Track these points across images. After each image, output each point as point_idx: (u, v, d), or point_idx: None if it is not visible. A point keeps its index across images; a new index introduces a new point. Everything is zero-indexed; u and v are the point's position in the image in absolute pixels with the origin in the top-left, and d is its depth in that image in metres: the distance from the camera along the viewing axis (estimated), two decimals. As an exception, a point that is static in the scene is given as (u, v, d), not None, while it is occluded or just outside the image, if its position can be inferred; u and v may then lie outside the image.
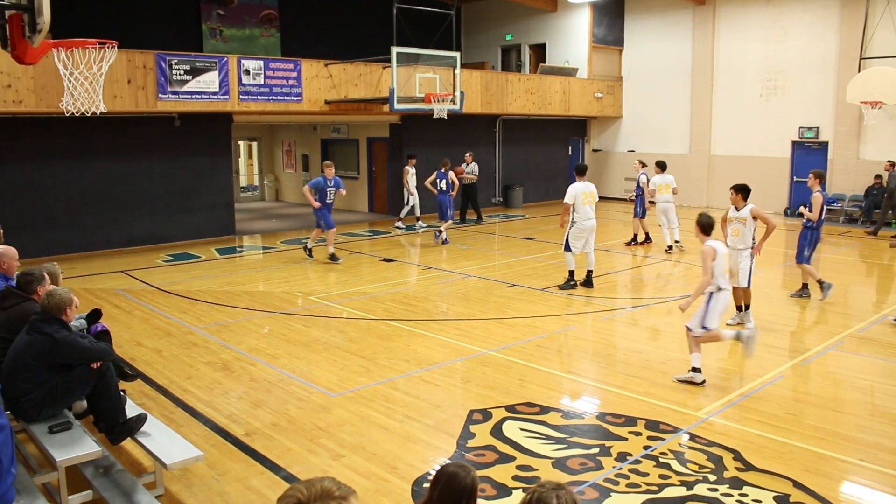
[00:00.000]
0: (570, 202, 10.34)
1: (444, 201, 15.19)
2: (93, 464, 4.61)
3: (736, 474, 4.97)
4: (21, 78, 11.65)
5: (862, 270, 12.91)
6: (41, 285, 5.18)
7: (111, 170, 14.26)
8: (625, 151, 23.08)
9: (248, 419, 6.01)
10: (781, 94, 19.30)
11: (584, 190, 10.38)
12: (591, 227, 10.49)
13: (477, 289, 10.82)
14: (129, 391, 5.97)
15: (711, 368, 7.28)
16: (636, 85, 22.57)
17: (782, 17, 19.04)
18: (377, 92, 16.26)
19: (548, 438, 5.57)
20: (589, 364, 7.54)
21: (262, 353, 7.76)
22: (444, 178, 15.41)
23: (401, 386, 6.78)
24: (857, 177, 17.90)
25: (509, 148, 21.51)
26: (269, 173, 25.13)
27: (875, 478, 4.94)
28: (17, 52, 5.89)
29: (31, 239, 12.88)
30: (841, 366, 7.34)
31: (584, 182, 10.50)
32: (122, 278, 11.83)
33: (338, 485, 1.87)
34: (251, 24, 18.98)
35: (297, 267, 12.75)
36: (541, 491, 2.38)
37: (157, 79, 13.20)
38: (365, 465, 5.15)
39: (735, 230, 8.60)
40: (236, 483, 4.92)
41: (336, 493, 1.84)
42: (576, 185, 10.39)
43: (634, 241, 14.72)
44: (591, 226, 10.46)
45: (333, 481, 1.88)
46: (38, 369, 4.57)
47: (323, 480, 1.87)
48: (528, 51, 23.66)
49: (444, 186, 15.35)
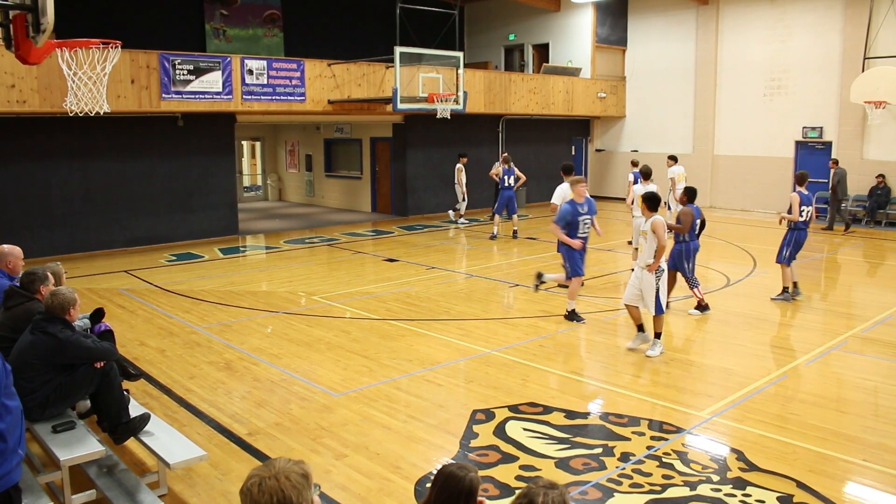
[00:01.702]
0: (557, 202, 10.27)
1: (511, 196, 15.58)
2: (96, 463, 4.62)
3: (739, 474, 4.96)
4: (25, 78, 11.68)
5: (865, 270, 12.88)
6: (44, 285, 5.18)
7: (115, 170, 14.29)
8: (628, 151, 23.05)
9: (251, 419, 6.01)
10: (785, 94, 19.27)
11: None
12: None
13: (480, 289, 10.82)
14: (132, 391, 5.98)
15: (714, 369, 7.28)
16: (639, 85, 22.55)
17: (786, 16, 19.00)
18: (380, 92, 16.27)
19: (551, 438, 5.57)
20: (592, 364, 7.53)
21: (265, 353, 7.77)
22: (511, 174, 15.67)
23: (404, 386, 6.78)
24: (861, 177, 17.85)
25: (512, 148, 21.46)
26: (273, 173, 25.16)
27: (879, 478, 4.93)
28: (20, 52, 5.90)
29: (34, 238, 12.92)
30: (845, 366, 7.33)
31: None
32: (126, 278, 11.85)
33: (289, 459, 2.12)
34: (254, 23, 19.00)
35: (300, 267, 12.76)
36: (532, 488, 2.41)
37: (161, 79, 13.22)
38: (368, 464, 5.16)
39: (640, 245, 8.19)
40: (239, 482, 4.88)
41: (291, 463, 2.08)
42: (563, 186, 10.32)
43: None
44: None
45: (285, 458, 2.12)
46: (41, 369, 4.57)
47: (277, 460, 2.10)
48: (531, 51, 23.64)
49: (512, 182, 15.61)
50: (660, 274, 7.48)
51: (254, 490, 2.02)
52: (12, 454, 3.05)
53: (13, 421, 3.05)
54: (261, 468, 2.08)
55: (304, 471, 2.08)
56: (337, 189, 22.33)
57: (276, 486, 2.01)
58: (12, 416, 3.04)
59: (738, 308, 9.69)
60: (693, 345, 8.34)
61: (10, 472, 3.04)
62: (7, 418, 3.00)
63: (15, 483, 3.12)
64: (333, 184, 22.45)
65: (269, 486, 2.01)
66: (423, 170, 19.62)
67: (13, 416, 3.05)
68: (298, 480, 2.04)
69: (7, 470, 3.02)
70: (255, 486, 2.02)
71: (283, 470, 2.05)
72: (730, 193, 20.65)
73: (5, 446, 3.00)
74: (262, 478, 2.03)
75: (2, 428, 2.98)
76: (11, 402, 3.06)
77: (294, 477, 2.04)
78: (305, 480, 2.06)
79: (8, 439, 3.00)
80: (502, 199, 15.62)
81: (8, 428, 3.00)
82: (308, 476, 2.09)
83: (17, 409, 3.10)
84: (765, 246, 14.87)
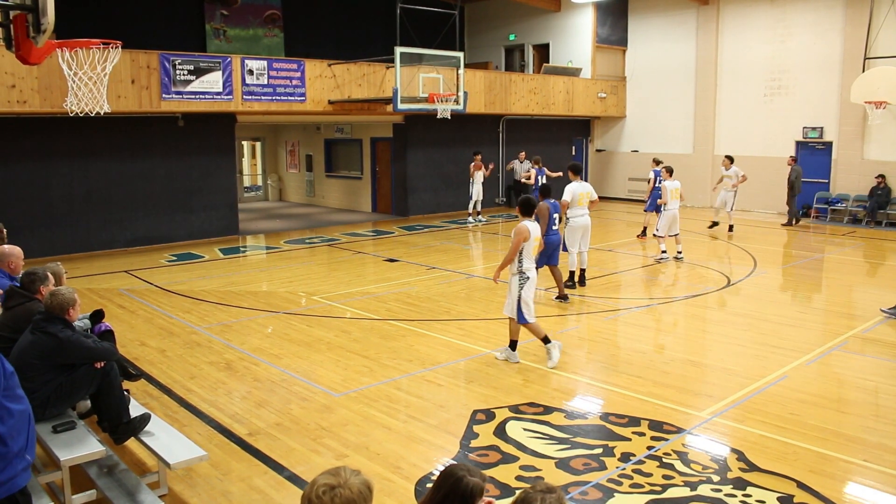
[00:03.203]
0: (567, 200, 10.38)
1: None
2: (96, 463, 4.62)
3: (740, 475, 4.96)
4: (25, 78, 11.68)
5: (866, 271, 12.87)
6: (45, 285, 5.18)
7: (115, 170, 14.29)
8: (628, 151, 23.06)
9: (252, 419, 6.01)
10: (785, 94, 19.26)
11: (582, 190, 10.46)
12: (584, 226, 10.56)
13: (480, 289, 10.82)
14: (132, 391, 5.98)
15: (714, 369, 7.28)
16: (640, 85, 22.54)
17: (786, 16, 19.00)
18: (381, 92, 16.27)
19: (551, 439, 5.57)
20: (592, 364, 7.53)
21: (266, 353, 7.77)
22: (542, 174, 16.02)
23: (404, 386, 6.78)
24: (862, 177, 17.85)
25: (513, 148, 21.48)
26: (273, 173, 25.16)
27: (879, 479, 4.93)
28: (21, 52, 5.90)
29: (34, 239, 12.91)
30: (845, 366, 7.32)
31: (580, 182, 10.56)
32: (126, 278, 11.85)
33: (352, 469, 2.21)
34: (255, 24, 19.00)
35: (301, 267, 12.76)
36: (529, 493, 2.41)
37: (161, 79, 13.22)
38: (368, 464, 5.15)
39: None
40: (240, 483, 4.93)
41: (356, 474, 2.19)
42: (573, 185, 10.45)
43: (644, 234, 15.09)
44: (583, 223, 10.53)
45: (348, 468, 2.20)
46: (42, 369, 4.57)
47: (343, 469, 2.19)
48: (531, 51, 23.64)
49: (544, 181, 15.77)
50: (523, 282, 7.13)
51: (325, 498, 2.07)
52: (17, 458, 2.95)
53: (16, 424, 2.94)
54: (327, 476, 2.14)
55: (368, 483, 2.17)
56: (337, 189, 22.34)
57: (350, 497, 2.08)
58: (15, 420, 2.93)
59: (739, 308, 9.69)
60: (693, 345, 8.34)
61: (13, 476, 2.94)
62: (9, 421, 2.90)
63: (21, 488, 3.01)
64: (334, 184, 22.45)
65: (343, 496, 2.08)
66: (424, 170, 19.61)
67: (16, 419, 2.94)
68: (366, 492, 2.13)
69: (11, 475, 2.92)
70: (325, 494, 2.08)
71: (351, 480, 2.13)
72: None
73: (6, 450, 2.90)
74: (333, 486, 2.09)
75: (2, 432, 2.88)
76: (14, 405, 2.95)
77: (363, 489, 2.13)
78: (370, 492, 2.15)
79: (9, 443, 2.90)
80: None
81: (9, 431, 2.90)
82: (371, 488, 2.17)
83: (21, 412, 2.99)
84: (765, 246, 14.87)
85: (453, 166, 19.82)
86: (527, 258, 7.11)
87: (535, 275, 7.28)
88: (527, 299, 7.13)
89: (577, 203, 10.43)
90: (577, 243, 10.56)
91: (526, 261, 7.10)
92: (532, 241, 7.09)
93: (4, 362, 2.93)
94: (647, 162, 22.27)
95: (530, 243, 7.08)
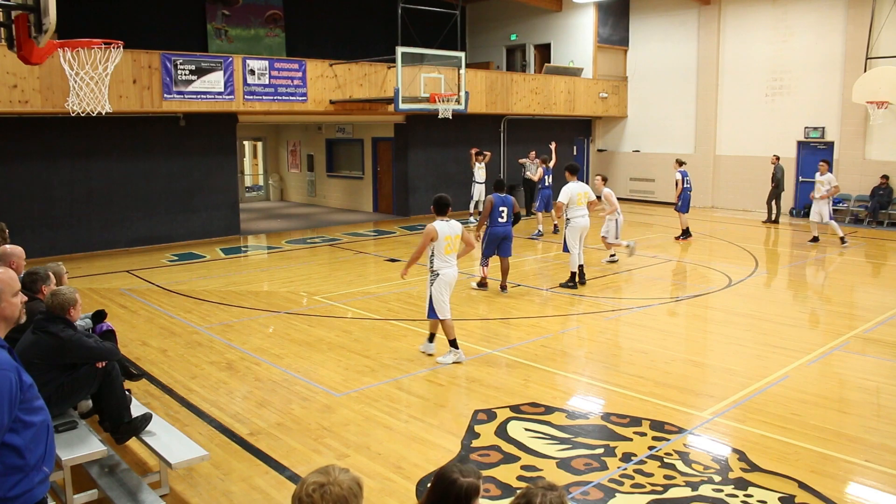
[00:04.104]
0: (564, 201, 10.52)
1: (549, 195, 16.20)
2: (98, 463, 4.63)
3: (741, 475, 4.96)
4: (27, 78, 11.69)
5: (867, 271, 12.86)
6: (46, 284, 5.19)
7: (116, 170, 14.30)
8: (630, 151, 23.05)
9: (253, 419, 6.02)
10: (787, 94, 19.25)
11: (579, 190, 10.56)
12: (584, 226, 10.69)
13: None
14: (134, 390, 5.99)
15: (716, 369, 7.28)
16: (641, 85, 22.53)
17: (788, 16, 18.98)
18: (382, 92, 16.27)
19: (552, 439, 5.57)
20: (593, 364, 7.52)
21: (267, 353, 7.77)
22: (550, 174, 16.48)
23: (405, 386, 6.78)
24: (863, 177, 17.83)
25: (514, 148, 21.48)
26: (274, 173, 25.17)
27: (881, 479, 4.92)
28: (22, 52, 5.90)
29: (36, 238, 12.93)
30: (846, 366, 7.32)
31: (577, 183, 10.65)
32: (127, 278, 11.86)
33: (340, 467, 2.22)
34: (256, 24, 19.01)
35: (302, 267, 12.76)
36: (530, 490, 2.41)
37: (163, 79, 13.23)
38: (369, 464, 5.16)
39: None
40: (241, 482, 4.93)
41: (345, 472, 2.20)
42: (570, 186, 10.54)
43: (684, 235, 15.29)
44: (583, 224, 10.66)
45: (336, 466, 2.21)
46: (43, 368, 4.57)
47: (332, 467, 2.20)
48: (532, 51, 23.63)
49: (551, 181, 16.37)
50: (433, 278, 7.27)
51: (315, 496, 2.08)
52: (35, 471, 2.87)
53: (34, 437, 2.86)
54: (316, 474, 2.15)
55: (358, 479, 2.18)
56: (338, 189, 22.34)
57: (340, 493, 2.10)
58: (32, 432, 2.86)
59: (740, 308, 9.69)
60: (694, 345, 8.34)
61: (30, 489, 2.86)
62: (26, 434, 2.82)
63: (38, 501, 2.94)
64: (335, 184, 22.46)
65: (333, 493, 2.09)
66: (425, 170, 19.61)
67: (34, 431, 2.87)
68: (356, 489, 2.15)
69: (27, 487, 2.84)
70: (315, 492, 2.09)
71: (341, 477, 2.15)
72: (731, 193, 20.64)
73: (24, 463, 2.82)
74: (323, 484, 2.11)
75: (19, 444, 2.79)
76: (32, 417, 2.87)
77: (353, 486, 2.15)
78: (360, 489, 2.16)
79: (27, 456, 2.82)
80: (543, 197, 16.39)
81: (27, 444, 2.82)
82: (361, 485, 2.19)
83: (40, 424, 2.91)
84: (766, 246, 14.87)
85: (455, 166, 19.81)
86: (438, 257, 7.21)
87: (453, 272, 7.32)
88: (437, 296, 7.24)
89: (575, 203, 10.54)
90: (578, 243, 10.62)
91: (437, 260, 7.22)
92: (442, 241, 7.16)
93: (23, 374, 2.84)
94: (648, 162, 22.37)
95: (440, 243, 7.15)
